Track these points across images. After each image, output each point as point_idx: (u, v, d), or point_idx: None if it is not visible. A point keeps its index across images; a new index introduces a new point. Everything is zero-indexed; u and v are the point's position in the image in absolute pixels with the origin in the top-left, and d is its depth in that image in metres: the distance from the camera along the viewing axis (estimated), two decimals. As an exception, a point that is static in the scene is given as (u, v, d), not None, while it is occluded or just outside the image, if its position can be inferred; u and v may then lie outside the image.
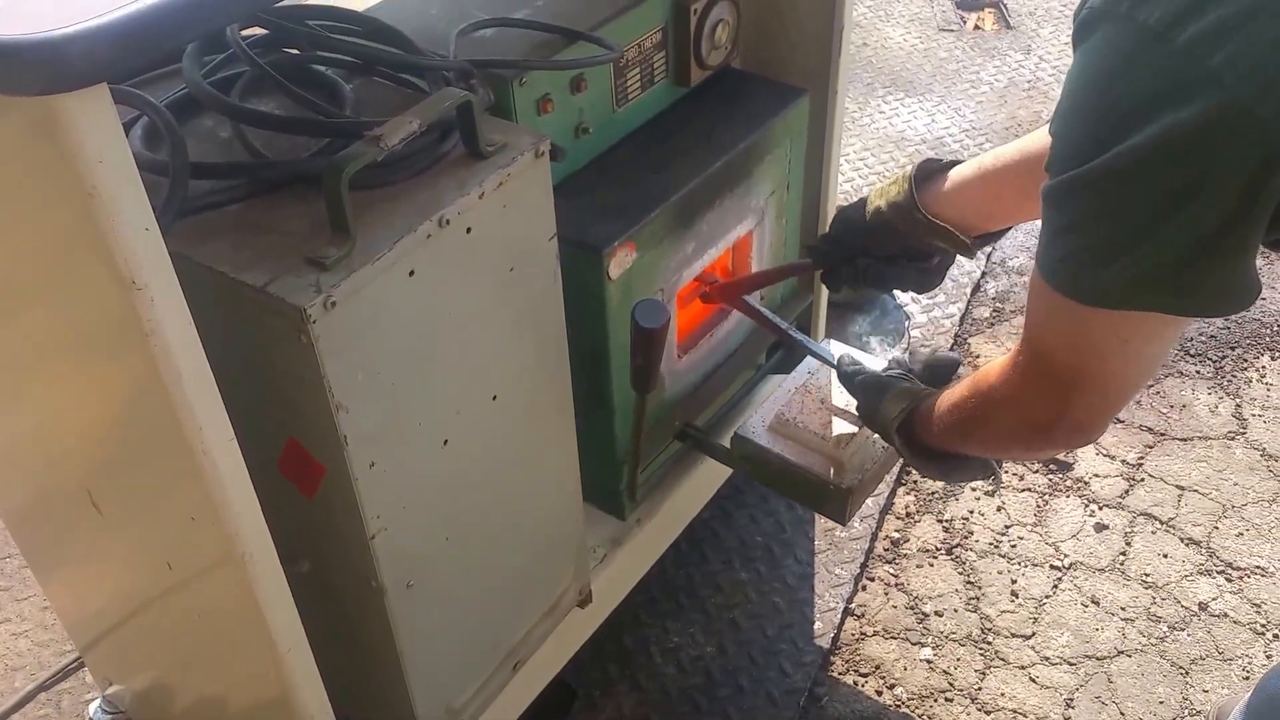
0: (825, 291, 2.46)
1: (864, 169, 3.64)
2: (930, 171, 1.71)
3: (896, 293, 3.10)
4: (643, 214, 1.80)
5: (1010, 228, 1.73)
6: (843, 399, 2.02)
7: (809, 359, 2.15)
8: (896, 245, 1.76)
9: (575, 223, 1.75)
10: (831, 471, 1.94)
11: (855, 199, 1.85)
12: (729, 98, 2.05)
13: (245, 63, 1.44)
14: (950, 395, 1.51)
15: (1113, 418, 1.30)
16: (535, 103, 1.71)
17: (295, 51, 1.53)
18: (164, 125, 1.28)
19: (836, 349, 2.17)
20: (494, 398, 1.48)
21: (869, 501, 2.50)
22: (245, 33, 1.53)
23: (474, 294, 1.39)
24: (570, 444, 1.70)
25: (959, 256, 1.78)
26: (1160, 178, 1.04)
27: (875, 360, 1.93)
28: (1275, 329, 3.01)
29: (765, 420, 2.02)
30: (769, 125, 2.02)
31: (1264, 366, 2.91)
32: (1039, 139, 1.56)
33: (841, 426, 1.98)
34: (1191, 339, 2.99)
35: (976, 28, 4.40)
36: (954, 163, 1.70)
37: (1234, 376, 2.90)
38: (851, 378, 1.79)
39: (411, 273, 1.27)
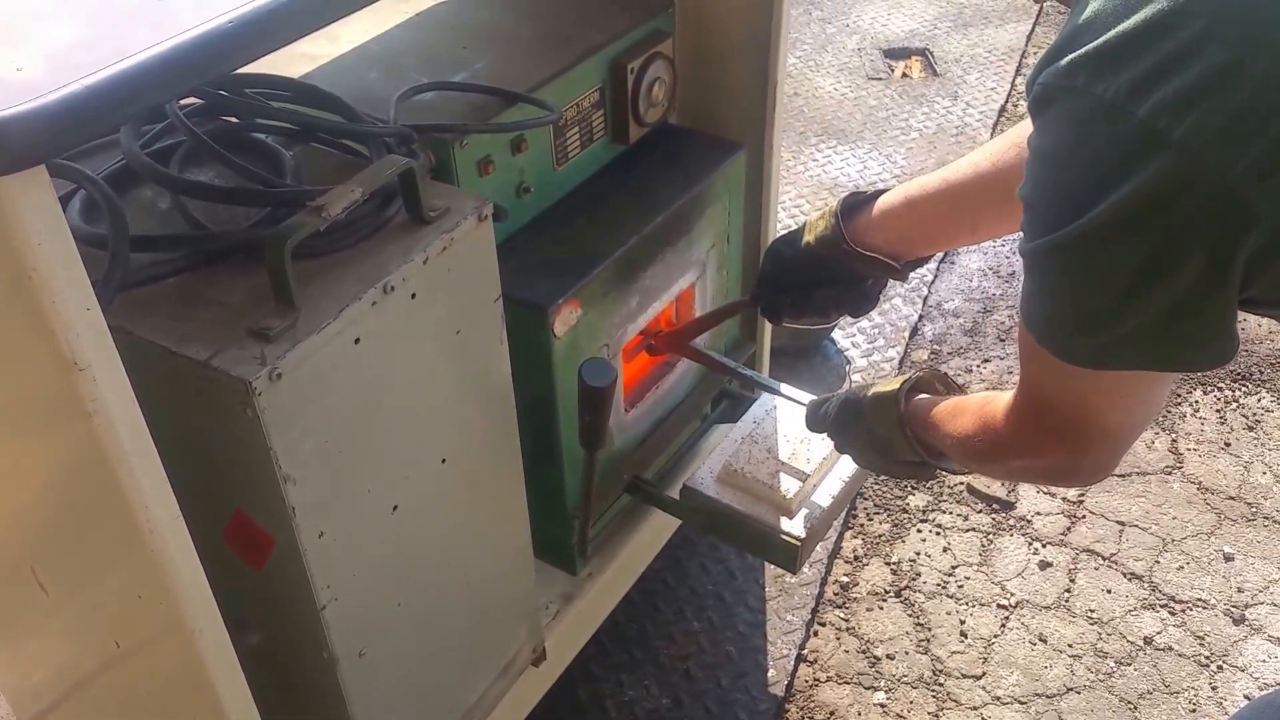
0: (768, 339, 2.46)
1: (799, 215, 3.66)
2: (856, 204, 1.72)
3: (836, 337, 3.11)
4: (586, 271, 1.79)
5: (938, 251, 1.73)
6: (789, 448, 2.02)
7: (754, 408, 2.15)
8: (829, 274, 1.77)
9: (519, 282, 1.74)
10: (782, 521, 1.93)
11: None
12: (668, 154, 2.05)
13: (183, 132, 1.41)
14: (955, 423, 1.46)
15: (1126, 451, 1.31)
16: (476, 164, 1.70)
17: (234, 120, 1.50)
18: (102, 198, 1.26)
19: (781, 402, 2.17)
20: (443, 460, 1.46)
21: (817, 546, 2.49)
22: (185, 100, 1.51)
23: (420, 359, 1.37)
24: (520, 503, 1.68)
25: (892, 279, 1.77)
26: (1129, 245, 1.03)
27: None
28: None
29: (713, 471, 2.01)
30: (708, 180, 2.02)
31: (1197, 401, 2.95)
32: (961, 167, 1.58)
33: (790, 475, 1.97)
34: (1125, 375, 3.01)
35: (904, 76, 4.45)
36: (879, 193, 1.71)
37: (1169, 412, 2.92)
38: (820, 403, 1.76)
39: (357, 340, 1.25)
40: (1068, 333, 1.14)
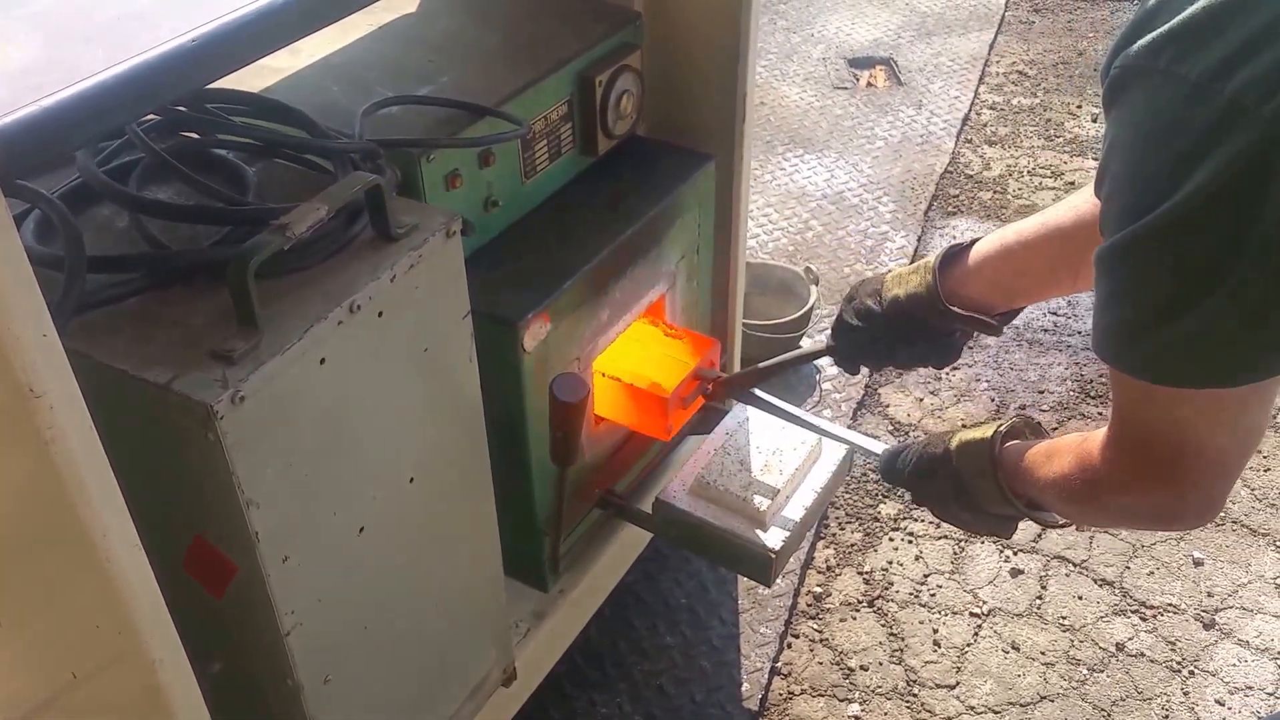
0: (739, 350, 2.43)
1: (767, 224, 3.63)
2: (951, 255, 1.63)
3: (804, 344, 3.08)
4: (556, 285, 1.76)
5: (1037, 300, 1.67)
6: (761, 460, 1.99)
7: (727, 419, 2.12)
8: (916, 331, 1.68)
9: (488, 296, 1.70)
10: (755, 533, 1.89)
11: (863, 277, 1.79)
12: (637, 166, 2.02)
13: (142, 149, 1.37)
14: (1051, 466, 1.37)
15: (1230, 489, 1.22)
16: (444, 178, 1.66)
17: (195, 135, 1.46)
18: (58, 218, 1.21)
19: (753, 409, 2.13)
20: (411, 480, 1.42)
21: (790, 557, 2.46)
22: (146, 116, 1.46)
23: (388, 378, 1.33)
24: (490, 521, 1.64)
25: (985, 334, 1.70)
26: (1210, 230, 0.98)
27: (875, 442, 1.86)
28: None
29: (686, 484, 1.98)
30: (677, 192, 1.99)
31: (1163, 406, 2.93)
32: (1061, 211, 1.50)
33: (763, 487, 1.94)
34: (1091, 381, 3.00)
35: (869, 85, 4.43)
36: (973, 243, 1.62)
37: (1135, 417, 2.90)
38: (896, 453, 1.67)
39: (323, 361, 1.21)
40: (1145, 341, 1.07)
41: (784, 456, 2.00)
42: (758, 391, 1.99)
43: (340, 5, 1.28)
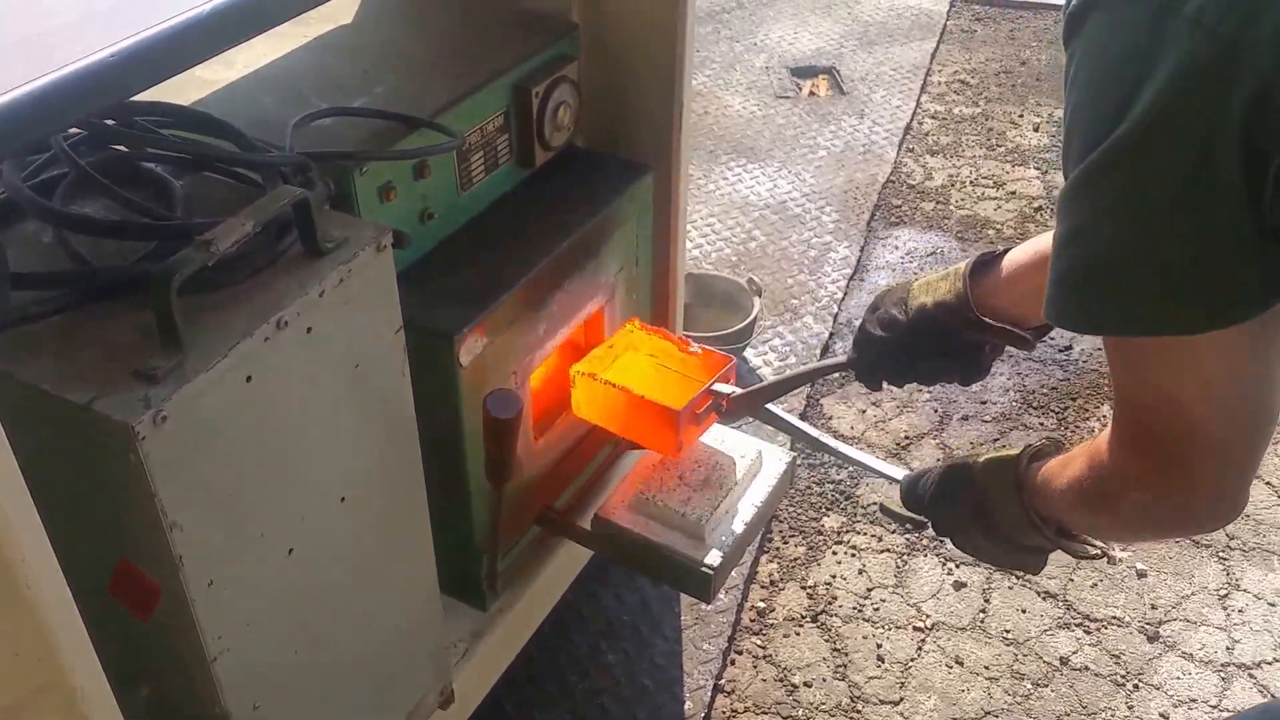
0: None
1: (711, 235, 3.64)
2: (983, 263, 1.56)
3: (748, 355, 3.09)
4: (492, 298, 1.75)
5: None
6: (701, 473, 2.00)
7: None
8: (943, 343, 1.59)
9: (424, 310, 1.70)
10: (695, 550, 1.90)
11: (885, 290, 1.69)
12: (574, 177, 2.02)
13: (66, 163, 1.35)
14: (1066, 473, 1.32)
15: (1248, 481, 1.15)
16: (378, 191, 1.65)
17: (122, 149, 1.44)
18: (-23, 234, 1.19)
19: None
20: (342, 499, 1.41)
21: (732, 572, 2.46)
22: (74, 129, 1.45)
23: (317, 395, 1.32)
24: (425, 539, 1.63)
25: (1017, 349, 1.61)
26: (1172, 141, 0.96)
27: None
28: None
29: (625, 500, 1.98)
30: (614, 203, 1.99)
31: (1105, 416, 2.97)
32: None
33: (703, 501, 1.94)
34: (1033, 391, 3.03)
35: (811, 94, 4.46)
36: (1006, 251, 1.56)
37: (1077, 427, 2.94)
38: (917, 477, 1.59)
39: (249, 379, 1.20)
40: (1103, 285, 1.04)
41: (724, 470, 2.01)
42: (773, 409, 1.91)
43: (262, 19, 1.27)
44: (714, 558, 1.88)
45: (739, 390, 1.92)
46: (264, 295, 1.24)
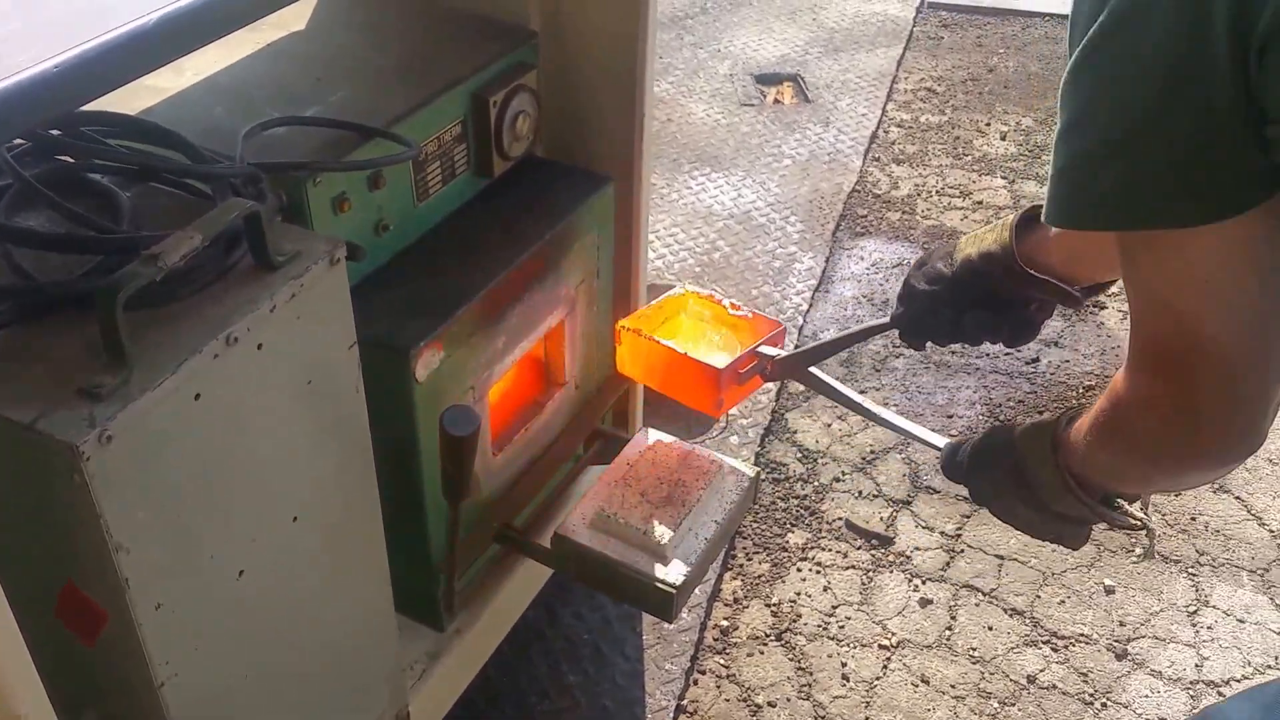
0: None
1: (674, 244, 3.65)
2: (1033, 217, 1.53)
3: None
4: (449, 311, 1.75)
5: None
6: (663, 490, 2.00)
7: (628, 448, 2.12)
8: (987, 295, 1.57)
9: (378, 323, 1.70)
10: (656, 568, 1.90)
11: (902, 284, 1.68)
12: (534, 188, 2.02)
13: (9, 174, 1.34)
14: (1089, 418, 1.30)
15: (1261, 408, 1.12)
16: (332, 201, 1.65)
17: (69, 159, 1.43)
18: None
19: (655, 435, 2.14)
20: (294, 519, 1.40)
21: (696, 589, 2.46)
22: (18, 139, 1.43)
23: (268, 412, 1.31)
24: (380, 559, 1.63)
25: (1065, 306, 1.60)
26: (1155, 20, 0.98)
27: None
28: (1080, 390, 3.09)
29: (586, 517, 1.98)
30: (575, 214, 1.99)
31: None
32: None
33: (664, 519, 1.94)
34: (1000, 404, 3.05)
35: (776, 101, 4.48)
36: None
37: (1044, 441, 2.95)
38: (958, 445, 1.56)
39: (197, 396, 1.19)
40: (1098, 178, 1.05)
41: (686, 487, 2.01)
42: (815, 372, 1.86)
43: (209, 30, 1.26)
44: (676, 576, 1.88)
45: (782, 353, 1.89)
46: (214, 310, 1.24)
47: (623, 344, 2.02)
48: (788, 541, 2.68)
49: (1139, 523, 1.39)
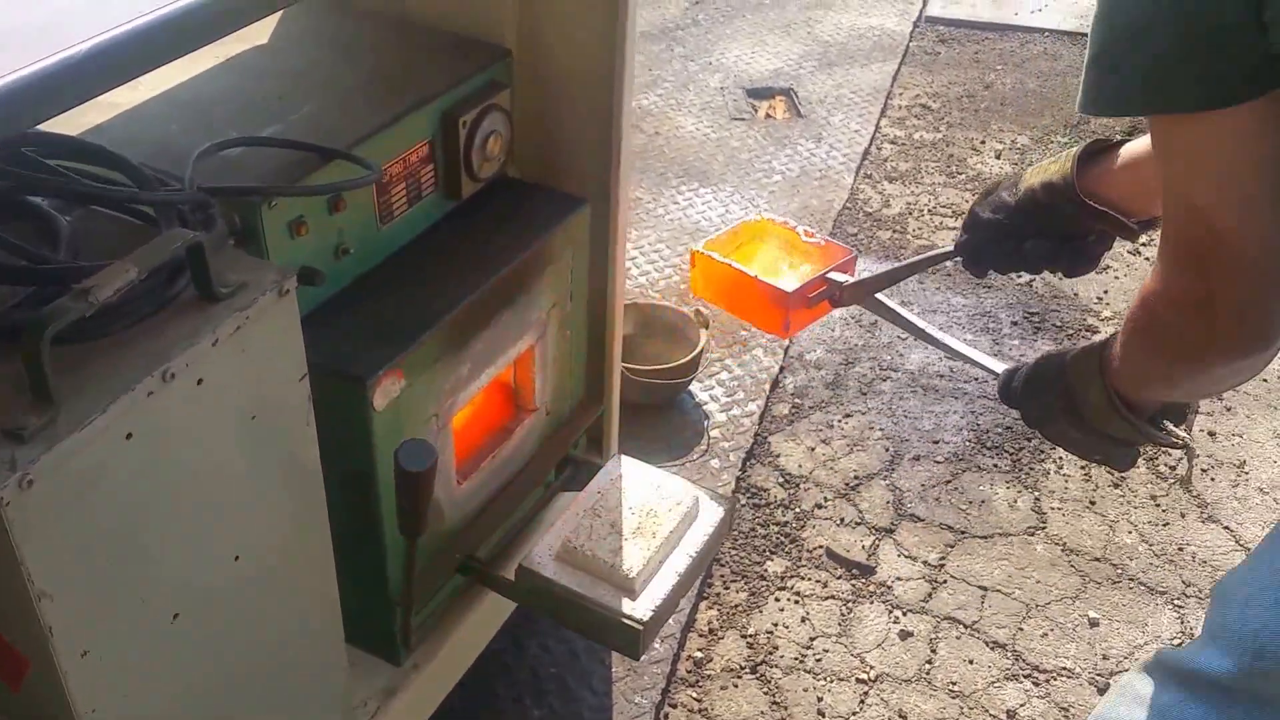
0: (616, 401, 2.39)
1: (659, 260, 3.62)
2: (1098, 149, 1.60)
3: (694, 390, 3.06)
4: (411, 338, 1.71)
5: None
6: (634, 522, 1.96)
7: (599, 476, 2.09)
8: (1047, 224, 1.64)
9: (336, 350, 1.66)
10: (623, 603, 1.86)
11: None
12: (505, 209, 1.98)
13: (-58, 197, 1.31)
14: (1124, 324, 1.39)
15: (1274, 304, 1.21)
16: (288, 225, 1.61)
17: (5, 183, 1.39)
18: None
19: (628, 463, 2.11)
20: (236, 558, 1.36)
21: (669, 620, 2.42)
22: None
23: (207, 449, 1.27)
24: (330, 596, 1.59)
25: (1122, 238, 1.65)
26: None
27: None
28: (1069, 418, 3.05)
29: (552, 549, 1.94)
30: (547, 237, 1.96)
31: (1061, 458, 2.95)
32: None
33: (633, 552, 1.91)
34: (987, 431, 3.01)
35: (768, 116, 4.45)
36: (1124, 140, 1.60)
37: (1031, 469, 2.93)
38: (1014, 370, 1.63)
39: (129, 435, 1.15)
40: (1114, 64, 1.16)
41: (658, 518, 1.97)
42: (881, 299, 1.93)
43: (159, 54, 1.23)
44: (643, 612, 1.85)
45: (850, 279, 1.94)
46: (151, 344, 1.20)
47: (696, 267, 2.05)
48: (766, 570, 2.64)
49: (1181, 441, 1.47)
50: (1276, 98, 1.10)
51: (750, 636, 2.49)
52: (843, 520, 2.76)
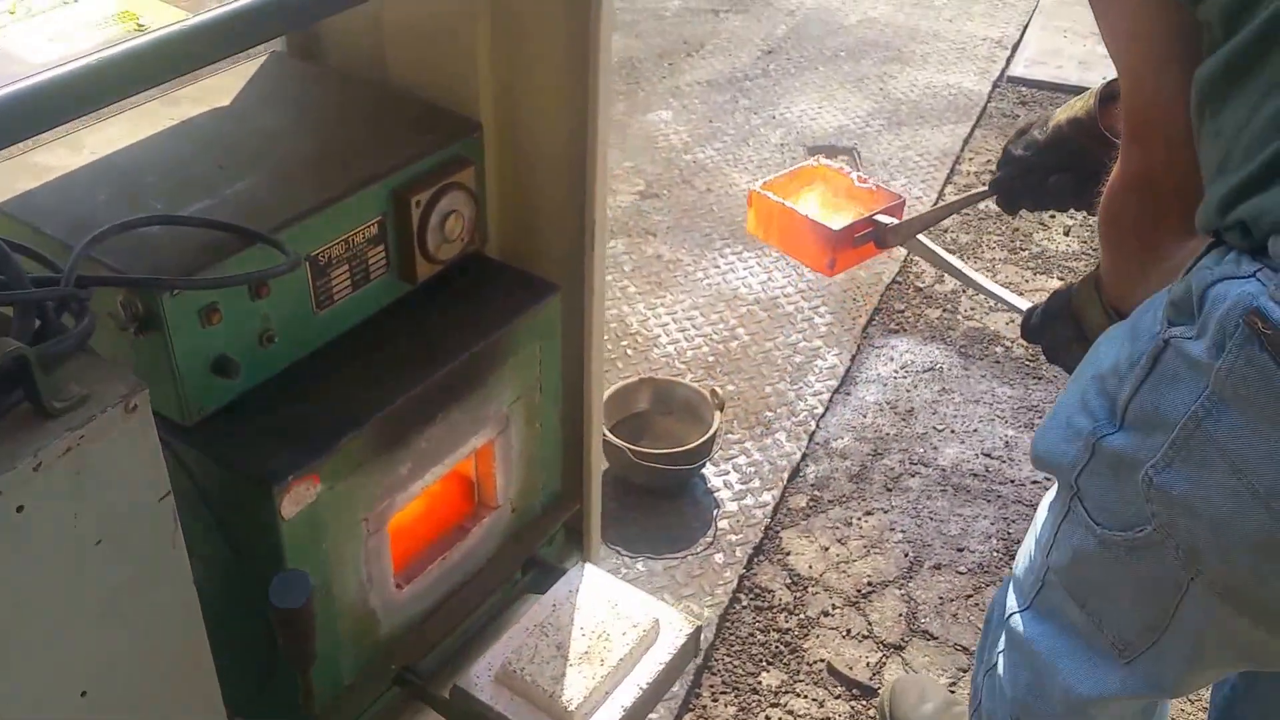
0: (597, 494, 2.26)
1: (690, 329, 3.47)
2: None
3: (707, 474, 2.91)
4: (332, 440, 1.60)
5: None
6: (583, 644, 1.82)
7: (558, 585, 1.96)
8: (1071, 159, 1.72)
9: (247, 449, 1.57)
10: (558, 740, 1.72)
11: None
12: (469, 293, 1.87)
13: None
14: None
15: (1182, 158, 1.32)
16: (199, 313, 1.51)
17: None
18: None
19: (591, 573, 1.97)
20: (83, 694, 1.24)
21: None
22: None
23: (34, 581, 1.15)
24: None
25: None
26: None
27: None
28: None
29: (491, 668, 1.81)
30: (509, 326, 1.84)
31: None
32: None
33: (578, 680, 1.77)
34: (1018, 541, 2.80)
35: (827, 177, 4.29)
36: None
37: (1064, 585, 2.73)
38: (1035, 307, 1.76)
39: (-78, 573, 1.04)
40: None
41: (609, 642, 1.83)
42: (922, 239, 2.09)
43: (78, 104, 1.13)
44: (578, 751, 1.71)
45: (895, 221, 2.09)
46: (-36, 467, 1.09)
47: (753, 206, 2.23)
48: (760, 682, 2.48)
49: None
50: None
51: (731, 758, 2.33)
52: (849, 632, 2.59)
